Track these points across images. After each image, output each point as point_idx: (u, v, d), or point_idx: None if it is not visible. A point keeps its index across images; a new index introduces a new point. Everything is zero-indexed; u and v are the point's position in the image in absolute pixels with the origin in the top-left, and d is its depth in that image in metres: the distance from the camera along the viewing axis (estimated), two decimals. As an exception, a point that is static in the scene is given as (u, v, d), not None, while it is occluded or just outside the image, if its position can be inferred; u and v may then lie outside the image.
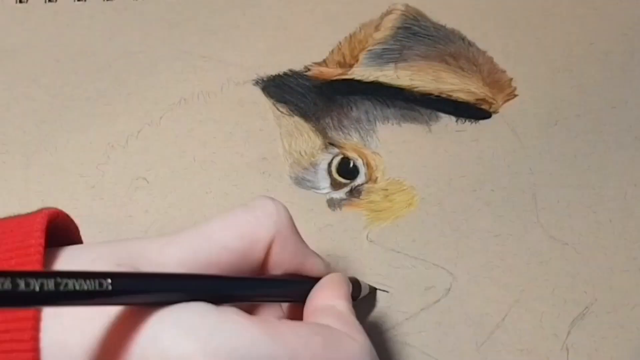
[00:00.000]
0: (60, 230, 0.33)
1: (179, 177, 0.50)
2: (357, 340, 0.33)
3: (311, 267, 0.37)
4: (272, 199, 0.35)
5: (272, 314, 0.35)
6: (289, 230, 0.35)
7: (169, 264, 0.32)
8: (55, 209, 0.33)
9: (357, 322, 0.34)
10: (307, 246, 0.37)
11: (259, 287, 0.35)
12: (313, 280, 0.37)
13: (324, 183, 0.49)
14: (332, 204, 0.49)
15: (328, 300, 0.35)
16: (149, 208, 0.49)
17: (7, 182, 0.49)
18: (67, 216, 0.34)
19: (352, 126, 0.51)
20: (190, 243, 0.33)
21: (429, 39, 0.55)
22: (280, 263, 0.35)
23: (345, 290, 0.37)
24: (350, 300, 0.36)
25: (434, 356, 0.44)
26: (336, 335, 0.33)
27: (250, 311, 0.33)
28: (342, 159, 0.50)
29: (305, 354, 0.31)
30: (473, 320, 0.45)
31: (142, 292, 0.29)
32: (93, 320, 0.30)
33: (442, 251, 0.47)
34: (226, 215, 0.34)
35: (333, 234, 0.47)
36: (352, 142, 0.51)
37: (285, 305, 0.37)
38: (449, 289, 0.46)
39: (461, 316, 0.45)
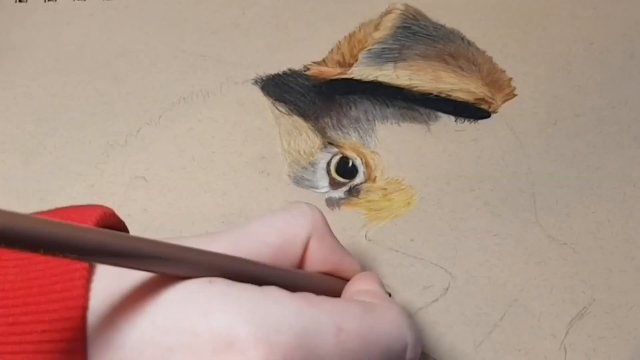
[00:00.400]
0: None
1: (177, 176, 0.50)
2: (392, 308, 0.34)
3: (348, 266, 0.38)
4: (308, 203, 0.37)
5: None
6: (325, 229, 0.37)
7: None
8: (106, 208, 0.34)
9: (390, 298, 0.36)
10: (343, 247, 0.38)
11: (297, 278, 0.36)
12: (347, 280, 0.38)
13: (323, 182, 0.49)
14: (331, 203, 0.49)
15: (362, 286, 0.37)
16: (148, 207, 0.49)
17: (6, 180, 0.49)
18: (117, 218, 0.35)
19: (351, 125, 0.51)
20: (232, 239, 0.34)
21: (428, 38, 0.55)
22: (317, 261, 0.37)
23: (378, 279, 0.38)
24: (384, 287, 0.38)
25: (432, 355, 0.44)
26: (372, 304, 0.34)
27: None
28: (341, 158, 0.50)
29: (348, 319, 0.32)
30: (471, 319, 0.45)
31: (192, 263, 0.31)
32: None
33: (441, 250, 0.47)
34: (266, 215, 0.36)
35: (331, 233, 0.47)
36: (351, 142, 0.51)
37: None
38: (447, 289, 0.46)
39: (459, 316, 0.45)
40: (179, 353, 0.30)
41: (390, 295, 0.45)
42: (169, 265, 0.30)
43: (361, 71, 0.53)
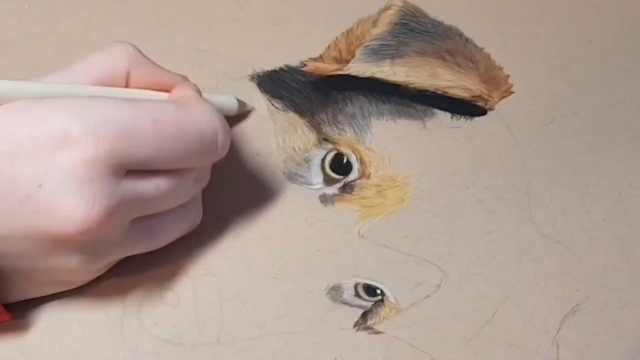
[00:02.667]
0: None
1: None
2: (202, 103, 0.41)
3: (171, 82, 0.44)
4: (122, 41, 0.43)
5: None
6: (140, 57, 0.43)
7: None
8: None
9: (203, 99, 0.42)
10: (162, 68, 0.44)
11: (122, 92, 0.41)
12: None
13: (317, 179, 0.49)
14: (325, 199, 0.49)
15: (179, 92, 0.43)
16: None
17: None
18: None
19: (346, 122, 0.51)
20: (58, 76, 0.40)
21: (426, 35, 0.55)
22: (142, 85, 0.43)
23: (194, 87, 0.44)
24: (200, 93, 0.43)
25: (423, 350, 0.43)
26: (185, 102, 0.40)
27: None
28: (336, 154, 0.50)
29: (163, 112, 0.38)
30: (463, 315, 0.44)
31: None
32: None
33: (434, 247, 0.47)
34: (84, 57, 0.42)
35: (325, 230, 0.47)
36: (346, 138, 0.51)
37: None
38: (440, 285, 0.46)
39: (451, 311, 0.45)
40: (23, 156, 0.35)
41: (383, 294, 0.45)
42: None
43: (358, 67, 0.53)
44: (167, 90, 0.43)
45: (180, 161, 0.39)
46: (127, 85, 0.42)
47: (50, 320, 0.43)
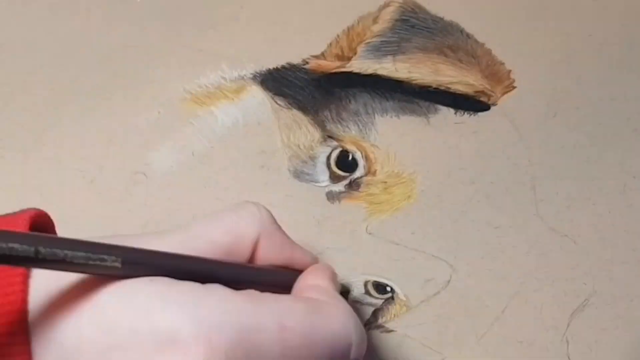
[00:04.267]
0: (41, 231, 0.34)
1: (177, 172, 0.50)
2: (338, 306, 0.34)
3: (299, 260, 0.38)
4: (255, 202, 0.37)
5: None
6: (273, 226, 0.37)
7: None
8: (38, 209, 0.34)
9: (339, 295, 0.36)
10: (293, 241, 0.38)
11: (245, 272, 0.36)
12: (299, 272, 0.38)
13: (323, 176, 0.49)
14: (331, 196, 0.49)
15: (312, 281, 0.37)
16: (148, 202, 0.49)
17: (5, 177, 0.49)
18: (48, 217, 0.35)
19: (350, 119, 0.51)
20: (177, 238, 0.34)
21: (427, 31, 0.55)
22: (268, 257, 0.37)
23: (330, 273, 0.38)
24: (336, 282, 0.37)
25: (434, 348, 0.44)
26: (318, 302, 0.34)
27: None
28: (341, 151, 0.50)
29: (291, 317, 0.32)
30: (473, 312, 0.45)
31: (134, 264, 0.31)
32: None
33: (442, 243, 0.47)
34: (212, 215, 0.36)
35: (332, 227, 0.47)
36: (350, 135, 0.51)
37: None
38: (449, 281, 0.46)
39: (461, 308, 0.45)
40: (119, 352, 0.29)
41: (393, 291, 0.45)
42: (106, 269, 0.30)
43: (360, 64, 0.53)
44: (293, 269, 0.39)
45: None
46: (252, 254, 0.37)
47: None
